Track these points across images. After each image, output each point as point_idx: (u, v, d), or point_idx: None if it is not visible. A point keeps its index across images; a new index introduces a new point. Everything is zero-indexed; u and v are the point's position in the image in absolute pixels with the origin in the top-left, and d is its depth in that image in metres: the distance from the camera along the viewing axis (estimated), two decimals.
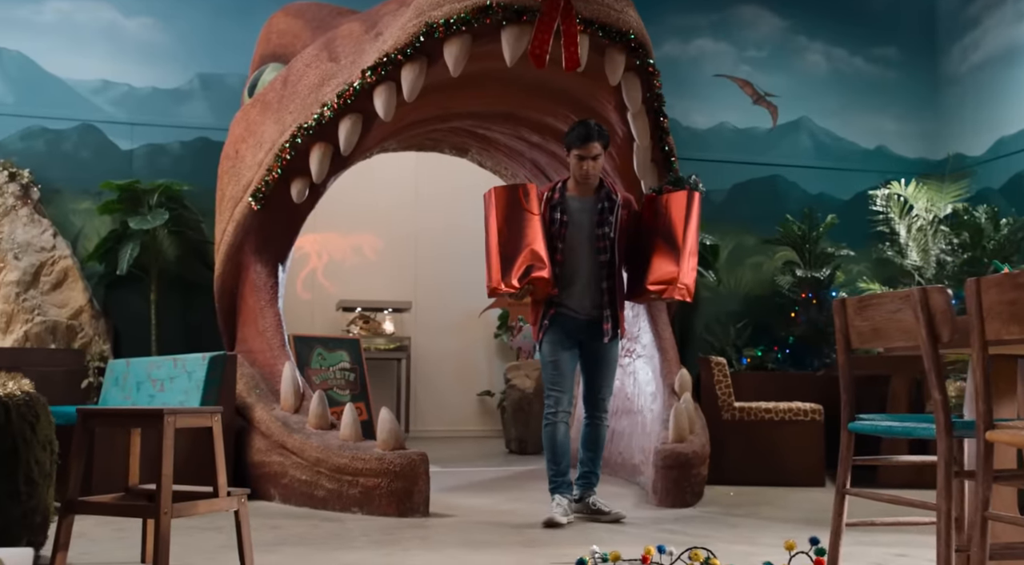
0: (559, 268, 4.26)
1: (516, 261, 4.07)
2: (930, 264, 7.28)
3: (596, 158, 4.29)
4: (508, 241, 4.09)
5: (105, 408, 3.18)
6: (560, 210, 4.31)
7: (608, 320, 4.29)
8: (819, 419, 5.74)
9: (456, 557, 3.28)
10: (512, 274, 4.06)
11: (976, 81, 7.89)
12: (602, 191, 4.39)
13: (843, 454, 2.84)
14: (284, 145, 5.28)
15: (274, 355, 5.40)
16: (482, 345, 9.48)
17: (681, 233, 4.20)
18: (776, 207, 7.73)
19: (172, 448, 2.78)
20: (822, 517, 4.34)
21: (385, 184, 9.18)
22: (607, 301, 4.29)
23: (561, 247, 4.28)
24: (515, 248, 4.09)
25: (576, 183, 4.38)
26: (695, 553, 2.79)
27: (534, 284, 4.10)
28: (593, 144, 4.27)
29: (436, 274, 9.34)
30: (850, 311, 2.78)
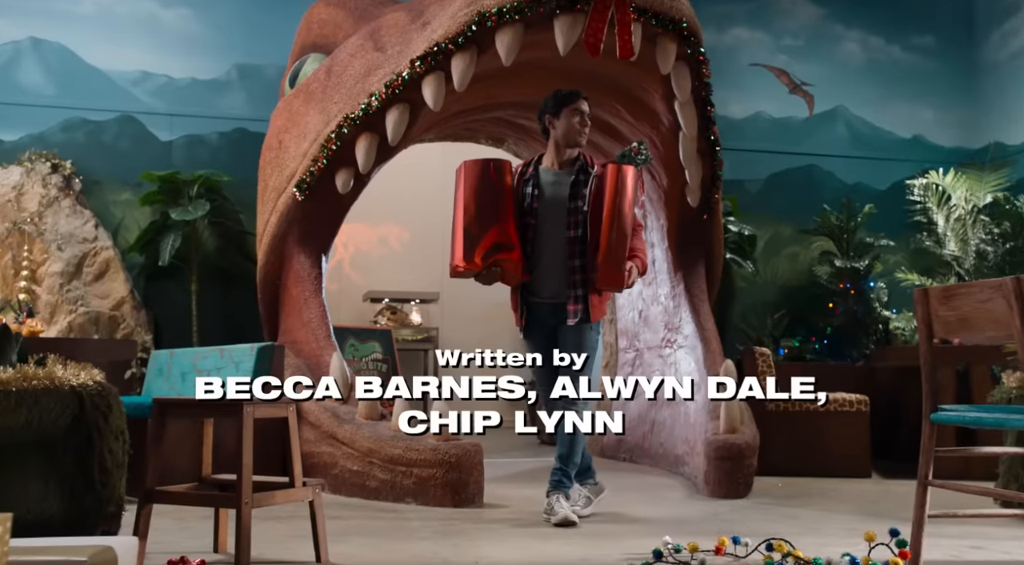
0: (530, 247, 3.97)
1: (481, 240, 3.82)
2: (968, 254, 7.23)
3: (585, 116, 4.10)
4: (474, 218, 3.83)
5: (181, 399, 3.18)
6: (533, 184, 4.04)
7: (573, 301, 3.90)
8: (865, 410, 5.71)
9: (526, 547, 3.28)
10: (476, 253, 3.82)
11: (1016, 68, 7.82)
12: (578, 163, 4.10)
13: (925, 445, 2.82)
14: (330, 135, 5.26)
15: (320, 346, 5.39)
16: (510, 335, 9.47)
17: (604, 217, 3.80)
18: (812, 197, 7.69)
19: (252, 439, 2.77)
20: (880, 508, 4.32)
21: (411, 174, 9.14)
22: (578, 280, 3.91)
23: (533, 224, 3.98)
24: (481, 226, 3.83)
25: (554, 154, 4.11)
26: (779, 545, 2.78)
27: (501, 266, 3.87)
28: (583, 100, 4.10)
29: None
30: (934, 301, 2.75)
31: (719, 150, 5.58)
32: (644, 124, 5.61)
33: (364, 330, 8.37)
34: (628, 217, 3.82)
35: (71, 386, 3.11)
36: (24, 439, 2.94)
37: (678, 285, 6.06)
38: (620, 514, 4.11)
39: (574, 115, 4.06)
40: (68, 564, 1.61)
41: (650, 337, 6.45)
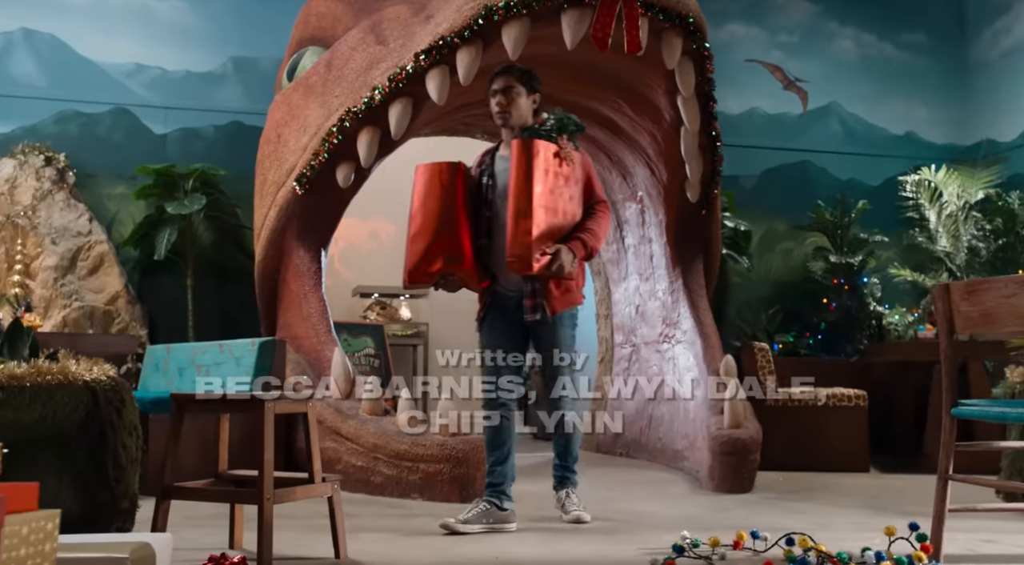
0: (487, 238, 3.72)
1: (428, 252, 3.60)
2: (960, 250, 7.28)
3: (508, 93, 3.71)
4: (421, 229, 3.62)
5: (200, 393, 3.14)
6: (488, 174, 3.79)
7: (530, 294, 3.64)
8: (863, 405, 5.75)
9: (542, 543, 3.27)
10: (423, 266, 3.61)
11: (1007, 66, 7.88)
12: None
13: (946, 439, 2.84)
14: (331, 129, 5.23)
15: (320, 341, 5.37)
16: None
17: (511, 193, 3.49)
18: (806, 193, 7.73)
19: (272, 434, 2.75)
20: (883, 502, 4.35)
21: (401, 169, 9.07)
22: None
23: (488, 215, 3.73)
24: (430, 237, 3.61)
25: (504, 138, 3.81)
26: (803, 539, 2.78)
27: (456, 276, 3.66)
28: (506, 76, 3.74)
29: None
30: (955, 296, 2.77)
31: (720, 146, 5.59)
32: (646, 119, 5.62)
33: (356, 325, 8.33)
34: (541, 195, 3.40)
35: (84, 381, 3.07)
36: (38, 435, 2.90)
37: (676, 280, 6.07)
38: (628, 509, 4.11)
39: (493, 96, 3.78)
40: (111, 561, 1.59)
41: (647, 332, 6.46)
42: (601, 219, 3.69)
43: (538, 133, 3.51)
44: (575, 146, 3.62)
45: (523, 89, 3.75)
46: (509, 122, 3.72)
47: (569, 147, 3.54)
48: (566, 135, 3.58)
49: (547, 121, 3.61)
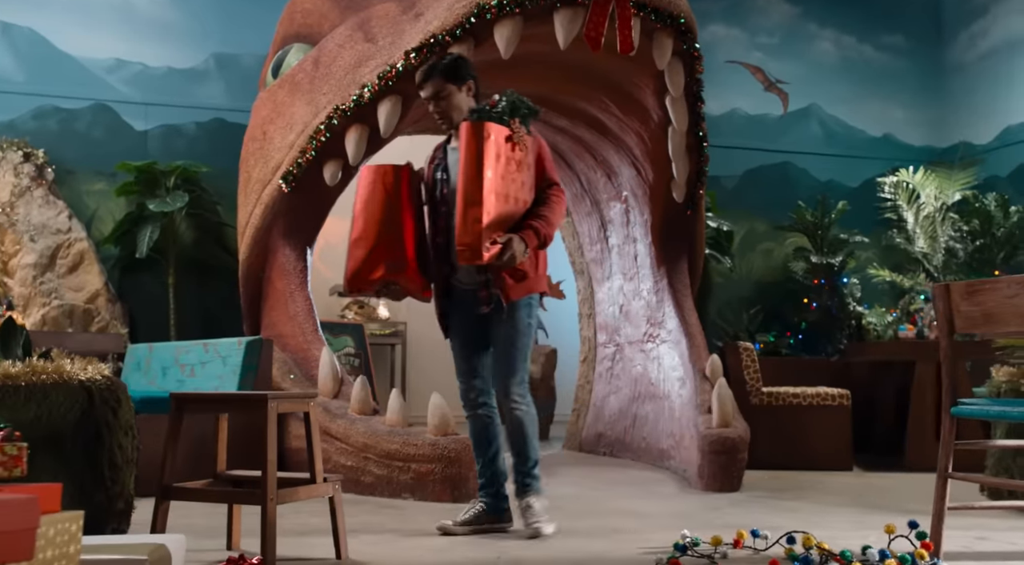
0: (443, 237, 3.54)
1: (368, 259, 3.42)
2: (938, 251, 7.37)
3: (441, 97, 3.49)
4: (364, 231, 3.42)
5: (201, 393, 3.11)
6: (442, 168, 3.60)
7: (483, 286, 3.47)
8: (847, 404, 5.80)
9: (545, 543, 3.26)
10: (362, 274, 3.43)
11: (983, 69, 7.98)
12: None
13: (945, 438, 2.86)
14: (319, 127, 5.19)
15: (307, 340, 5.33)
16: None
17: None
18: (786, 193, 7.79)
19: (276, 434, 2.72)
20: (871, 500, 4.39)
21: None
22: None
23: (444, 211, 3.54)
24: (371, 244, 3.41)
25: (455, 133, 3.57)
26: (806, 538, 2.80)
27: (399, 284, 3.48)
28: (432, 81, 3.50)
29: None
30: (955, 296, 2.80)
31: (706, 146, 5.62)
32: (633, 119, 5.63)
33: (336, 324, 8.29)
34: (492, 180, 3.18)
35: (80, 380, 3.04)
36: (33, 435, 2.85)
37: (661, 280, 6.09)
38: (621, 509, 4.11)
39: (427, 104, 3.58)
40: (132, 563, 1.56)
41: (631, 332, 6.48)
42: (555, 204, 3.47)
43: (489, 115, 3.26)
44: (527, 130, 3.39)
45: (452, 86, 3.50)
46: (453, 124, 3.51)
47: (521, 130, 3.31)
48: (518, 118, 3.33)
49: (499, 103, 3.34)
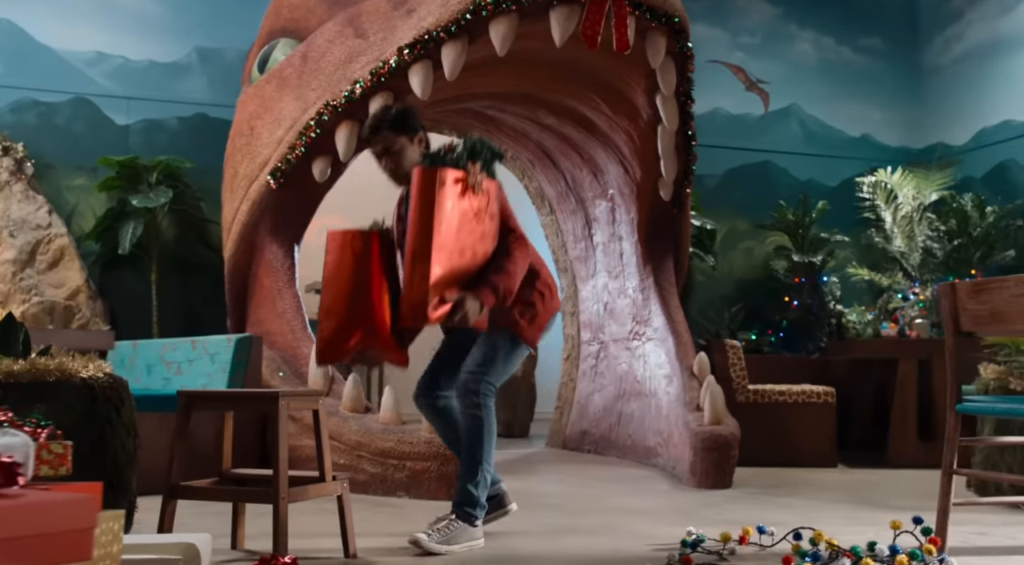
0: None
1: (342, 325, 3.12)
2: (915, 250, 7.47)
3: (392, 152, 3.20)
4: (334, 302, 3.15)
5: (210, 391, 3.07)
6: (404, 219, 3.27)
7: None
8: (831, 401, 5.86)
9: (552, 541, 3.26)
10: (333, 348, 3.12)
11: (959, 72, 8.10)
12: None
13: (950, 435, 2.90)
14: (309, 123, 5.15)
15: (296, 337, 5.29)
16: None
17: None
18: (767, 193, 7.85)
19: (287, 431, 2.70)
20: (864, 496, 4.44)
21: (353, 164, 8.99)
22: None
23: None
24: (344, 310, 3.13)
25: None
26: (818, 534, 2.82)
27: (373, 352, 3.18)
28: (381, 135, 3.21)
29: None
30: (962, 294, 2.83)
31: (695, 145, 5.65)
32: (623, 117, 5.65)
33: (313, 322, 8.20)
34: (444, 233, 2.90)
35: (82, 378, 2.99)
36: None
37: (647, 278, 6.12)
38: (616, 506, 4.12)
39: (377, 160, 3.28)
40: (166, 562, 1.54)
41: (616, 330, 6.50)
42: (517, 256, 3.14)
43: (443, 160, 2.97)
44: (491, 174, 3.11)
45: (404, 138, 3.21)
46: (403, 181, 3.25)
47: (481, 176, 3.01)
48: (478, 162, 3.03)
49: (455, 147, 3.07)
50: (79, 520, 1.31)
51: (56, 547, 1.27)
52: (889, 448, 5.90)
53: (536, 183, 7.14)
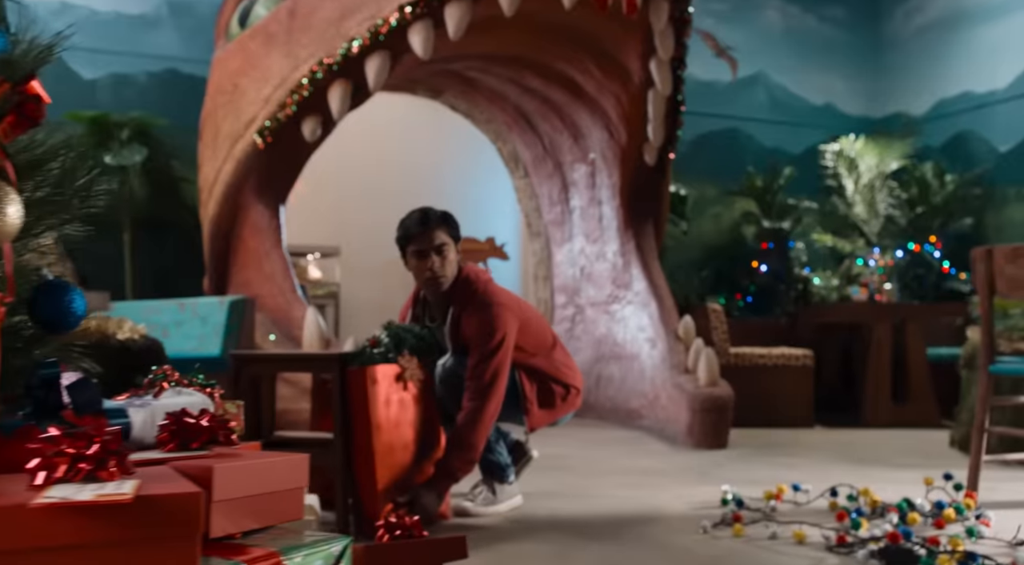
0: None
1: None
2: (877, 217, 7.67)
3: (443, 250, 3.03)
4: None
5: (268, 353, 3.00)
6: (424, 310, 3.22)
7: None
8: (810, 364, 6.01)
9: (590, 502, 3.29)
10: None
11: (919, 44, 8.29)
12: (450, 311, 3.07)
13: (982, 394, 3.00)
14: (302, 81, 5.03)
15: (287, 300, 5.21)
16: (404, 291, 9.32)
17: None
18: (734, 159, 7.96)
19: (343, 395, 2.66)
20: (860, 454, 4.56)
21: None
22: None
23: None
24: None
25: (429, 297, 3.15)
26: (864, 490, 2.91)
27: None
28: (437, 231, 3.03)
29: (362, 215, 8.97)
30: (999, 259, 2.92)
31: (683, 110, 5.70)
32: (614, 81, 5.65)
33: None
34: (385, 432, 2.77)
35: (119, 341, 2.90)
36: None
37: (628, 242, 6.17)
38: (624, 467, 4.18)
39: (421, 257, 3.04)
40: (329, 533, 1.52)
41: (594, 293, 6.54)
42: (482, 404, 2.89)
43: (372, 358, 2.80)
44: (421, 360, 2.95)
45: (451, 241, 3.07)
46: (444, 288, 3.06)
47: (412, 364, 2.89)
48: (407, 350, 2.89)
49: (379, 341, 2.87)
50: (296, 479, 1.29)
51: (279, 506, 1.24)
52: (864, 409, 6.08)
53: (511, 146, 7.11)
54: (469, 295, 3.03)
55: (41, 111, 1.21)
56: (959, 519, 2.77)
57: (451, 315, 3.04)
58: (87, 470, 0.99)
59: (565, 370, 3.23)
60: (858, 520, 2.62)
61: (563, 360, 3.25)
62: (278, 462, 1.27)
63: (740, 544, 2.59)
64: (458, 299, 3.04)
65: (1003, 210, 7.48)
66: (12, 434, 1.19)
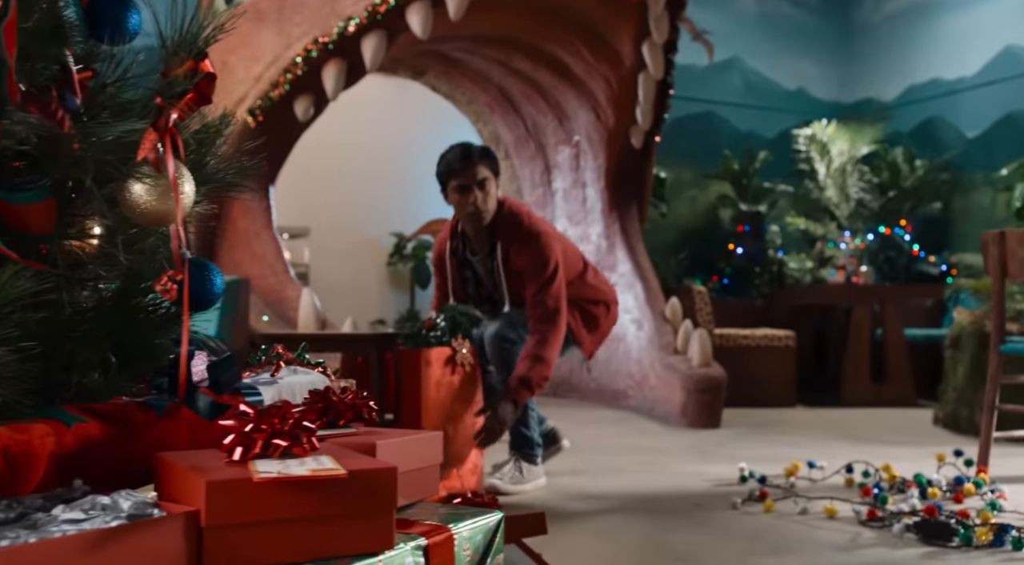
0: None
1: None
2: (848, 201, 7.82)
3: (484, 185, 3.11)
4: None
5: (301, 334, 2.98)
6: (465, 267, 3.28)
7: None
8: (792, 345, 6.13)
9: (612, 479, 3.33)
10: None
11: (889, 30, 8.44)
12: (488, 244, 3.20)
13: (992, 373, 3.11)
14: (296, 60, 4.99)
15: (280, 281, 5.18)
16: (374, 272, 9.34)
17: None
18: (710, 143, 8.04)
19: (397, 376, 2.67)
20: (852, 431, 4.68)
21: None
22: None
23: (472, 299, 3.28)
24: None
25: (469, 231, 3.23)
26: (885, 466, 2.99)
27: None
28: (477, 164, 3.11)
29: (332, 196, 8.91)
30: (1012, 242, 3.02)
31: (672, 94, 5.75)
32: (603, 64, 5.67)
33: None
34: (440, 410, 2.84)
35: None
36: None
37: (613, 224, 6.23)
38: (628, 446, 4.24)
39: (463, 192, 3.13)
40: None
41: None
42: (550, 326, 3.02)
43: (427, 341, 2.88)
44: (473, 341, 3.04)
45: (492, 175, 3.15)
46: (486, 221, 3.14)
47: (464, 347, 2.94)
48: (460, 334, 2.96)
49: (435, 325, 2.95)
50: (434, 455, 1.30)
51: (422, 482, 1.26)
52: (843, 388, 6.22)
53: (492, 127, 7.11)
54: (514, 228, 3.12)
55: (213, 89, 1.20)
56: (977, 493, 2.86)
57: (500, 249, 3.13)
58: (284, 447, 0.99)
59: (602, 287, 3.40)
60: (885, 495, 2.70)
61: (594, 280, 3.39)
62: (420, 439, 1.29)
63: (774, 519, 2.66)
64: (503, 232, 3.13)
65: (970, 195, 7.67)
66: (163, 413, 1.19)
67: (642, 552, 2.31)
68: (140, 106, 1.21)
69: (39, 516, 0.91)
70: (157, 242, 1.29)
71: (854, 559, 2.23)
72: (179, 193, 1.10)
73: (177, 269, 1.15)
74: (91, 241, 1.17)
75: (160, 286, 1.14)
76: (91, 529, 0.86)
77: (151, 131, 1.09)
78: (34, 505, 0.94)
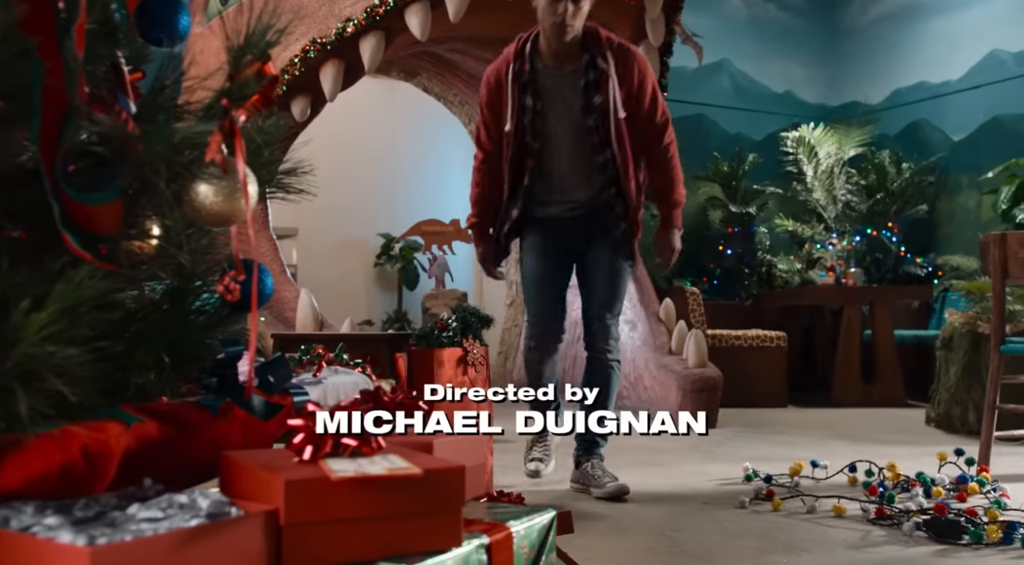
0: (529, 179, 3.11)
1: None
2: (836, 203, 7.89)
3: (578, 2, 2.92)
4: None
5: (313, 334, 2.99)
6: (529, 92, 3.02)
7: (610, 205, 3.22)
8: (784, 345, 6.18)
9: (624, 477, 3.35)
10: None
11: (876, 34, 8.52)
12: (585, 56, 3.00)
13: (993, 373, 3.15)
14: (293, 60, 4.98)
15: (277, 281, 5.16)
16: (362, 273, 9.34)
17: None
18: (700, 145, 8.08)
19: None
20: (847, 431, 4.74)
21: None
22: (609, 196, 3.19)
23: (536, 147, 3.05)
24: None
25: (549, 46, 3.02)
26: (890, 465, 3.03)
27: None
28: None
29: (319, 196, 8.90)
30: (1013, 244, 3.06)
31: (665, 95, 5.78)
32: None
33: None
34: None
35: None
36: None
37: None
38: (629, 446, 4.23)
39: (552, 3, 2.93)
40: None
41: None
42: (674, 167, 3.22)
43: (439, 341, 2.96)
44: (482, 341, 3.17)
45: None
46: (568, 37, 2.94)
47: (475, 347, 3.05)
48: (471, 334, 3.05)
49: (447, 325, 3.04)
50: (481, 455, 1.32)
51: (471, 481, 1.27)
52: (833, 388, 6.28)
53: None
54: (605, 39, 3.04)
55: (275, 91, 1.21)
56: (981, 492, 2.91)
57: (586, 57, 2.99)
58: (354, 446, 1.01)
59: None
60: (892, 494, 2.74)
61: None
62: (469, 439, 1.30)
63: (783, 518, 2.69)
64: (591, 45, 3.00)
65: (956, 197, 7.76)
66: (217, 413, 1.20)
67: (655, 550, 2.33)
68: (203, 108, 1.21)
69: (116, 514, 0.92)
70: (208, 243, 1.29)
71: (868, 557, 2.26)
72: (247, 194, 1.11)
73: (239, 269, 1.16)
74: (150, 241, 1.18)
75: (222, 286, 1.15)
76: (177, 527, 0.87)
77: (217, 133, 1.10)
78: (110, 504, 0.95)
